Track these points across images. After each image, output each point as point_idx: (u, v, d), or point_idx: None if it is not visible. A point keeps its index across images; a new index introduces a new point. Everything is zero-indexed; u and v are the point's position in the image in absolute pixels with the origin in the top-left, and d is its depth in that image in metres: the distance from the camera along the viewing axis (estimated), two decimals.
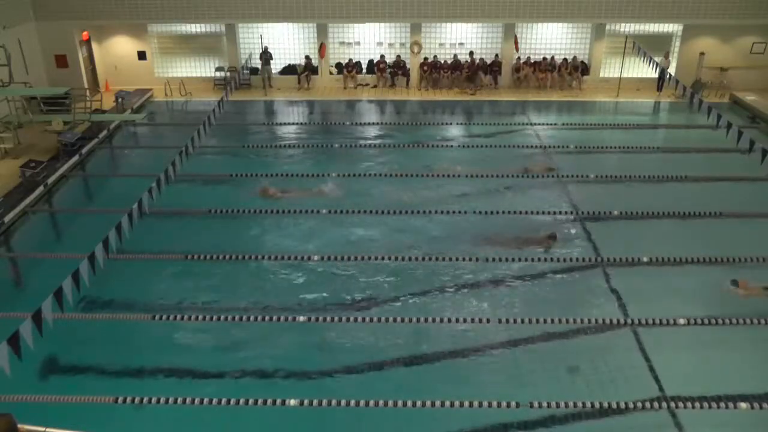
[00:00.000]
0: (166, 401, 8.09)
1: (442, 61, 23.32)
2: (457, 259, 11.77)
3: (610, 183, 15.12)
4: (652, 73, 20.17)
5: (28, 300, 8.71)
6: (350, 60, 23.56)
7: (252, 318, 9.87)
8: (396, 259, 11.87)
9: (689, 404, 8.32)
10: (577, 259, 11.80)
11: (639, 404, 8.29)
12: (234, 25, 22.84)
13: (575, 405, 8.25)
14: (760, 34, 22.39)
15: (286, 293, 10.90)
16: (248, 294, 10.87)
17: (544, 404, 8.20)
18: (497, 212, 13.35)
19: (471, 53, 23.25)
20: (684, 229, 12.83)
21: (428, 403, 8.14)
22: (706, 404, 8.28)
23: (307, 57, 23.27)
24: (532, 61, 23.50)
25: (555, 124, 20.05)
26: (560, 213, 13.62)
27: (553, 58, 23.39)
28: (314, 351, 9.55)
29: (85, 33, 22.15)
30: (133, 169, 16.93)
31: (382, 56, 23.36)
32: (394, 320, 9.83)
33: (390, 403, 8.12)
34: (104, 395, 8.20)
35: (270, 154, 17.63)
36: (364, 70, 23.83)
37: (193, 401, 8.11)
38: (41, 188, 14.53)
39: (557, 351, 9.60)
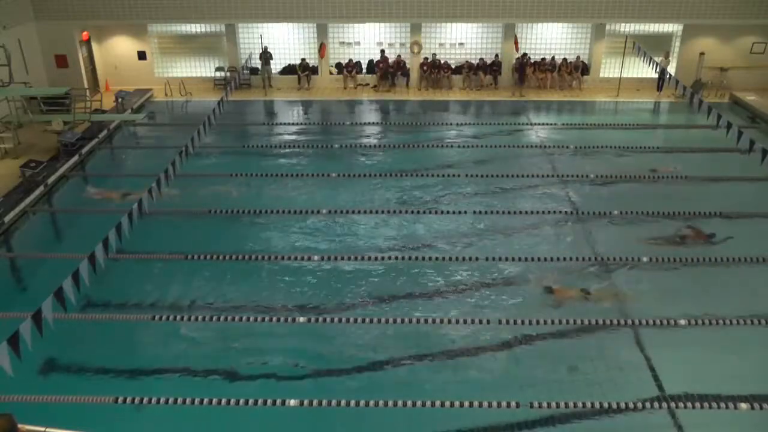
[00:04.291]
0: (166, 401, 8.09)
1: (442, 61, 23.32)
2: (457, 259, 11.78)
3: (610, 183, 15.12)
4: (652, 73, 20.18)
5: (28, 300, 8.73)
6: (350, 60, 23.56)
7: (252, 318, 9.88)
8: (395, 259, 11.88)
9: (689, 404, 8.32)
10: (576, 259, 11.80)
11: (639, 404, 8.30)
12: (234, 25, 22.84)
13: (575, 405, 8.26)
14: (760, 34, 22.39)
15: (286, 293, 10.90)
16: (248, 294, 10.86)
17: (544, 404, 8.20)
18: (497, 212, 13.40)
19: (524, 54, 23.22)
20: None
21: (428, 403, 8.15)
22: (706, 404, 8.28)
23: (302, 60, 23.29)
24: (532, 61, 23.50)
25: (555, 124, 20.07)
26: (560, 213, 13.63)
27: (553, 58, 23.39)
28: (314, 351, 9.54)
29: (85, 33, 22.14)
30: (133, 169, 16.94)
31: (382, 52, 23.28)
32: (394, 320, 9.84)
33: (390, 403, 8.13)
34: (104, 395, 8.21)
35: (270, 154, 17.63)
36: (364, 70, 23.83)
37: (193, 401, 8.12)
38: (41, 188, 14.53)
39: (557, 351, 9.60)
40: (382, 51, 23.07)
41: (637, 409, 8.24)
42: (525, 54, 23.23)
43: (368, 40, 23.70)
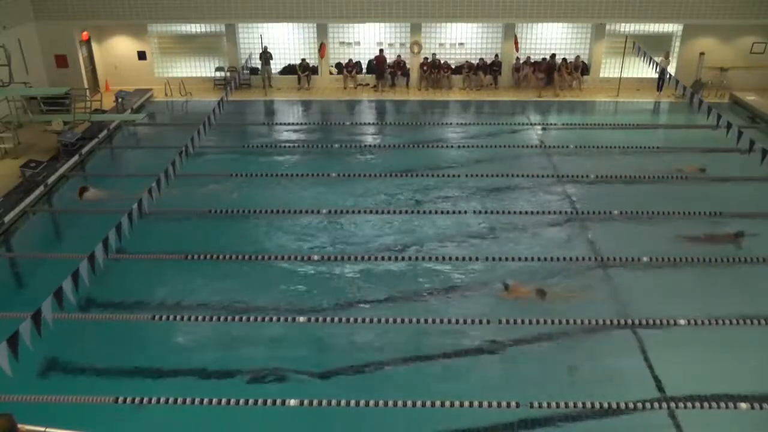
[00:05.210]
0: (166, 401, 8.08)
1: (442, 61, 23.32)
2: (457, 259, 11.78)
3: (610, 183, 15.12)
4: (652, 73, 20.18)
5: (28, 300, 8.72)
6: (350, 60, 23.56)
7: (252, 318, 9.87)
8: (395, 259, 11.89)
9: (689, 404, 8.32)
10: (576, 259, 11.80)
11: (639, 404, 8.29)
12: (234, 25, 22.84)
13: (575, 405, 8.25)
14: (760, 34, 22.39)
15: (286, 293, 10.90)
16: (248, 294, 10.86)
17: (544, 404, 8.19)
18: (497, 212, 13.41)
19: (553, 55, 23.18)
20: (684, 228, 12.81)
21: (428, 403, 8.13)
22: (706, 404, 8.28)
23: (302, 60, 23.32)
24: (532, 61, 23.50)
25: (555, 124, 20.07)
26: (560, 213, 13.63)
27: (553, 57, 23.39)
28: (314, 351, 9.55)
29: (85, 33, 22.14)
30: (133, 169, 16.93)
31: (381, 51, 23.31)
32: (394, 320, 9.81)
33: (390, 403, 8.12)
34: (104, 395, 8.19)
35: (270, 154, 17.63)
36: (364, 70, 23.83)
37: (193, 401, 8.10)
38: (41, 188, 14.53)
39: (557, 351, 9.61)
40: (381, 50, 23.05)
41: (637, 409, 8.22)
42: (554, 55, 23.13)
43: (368, 40, 23.70)
